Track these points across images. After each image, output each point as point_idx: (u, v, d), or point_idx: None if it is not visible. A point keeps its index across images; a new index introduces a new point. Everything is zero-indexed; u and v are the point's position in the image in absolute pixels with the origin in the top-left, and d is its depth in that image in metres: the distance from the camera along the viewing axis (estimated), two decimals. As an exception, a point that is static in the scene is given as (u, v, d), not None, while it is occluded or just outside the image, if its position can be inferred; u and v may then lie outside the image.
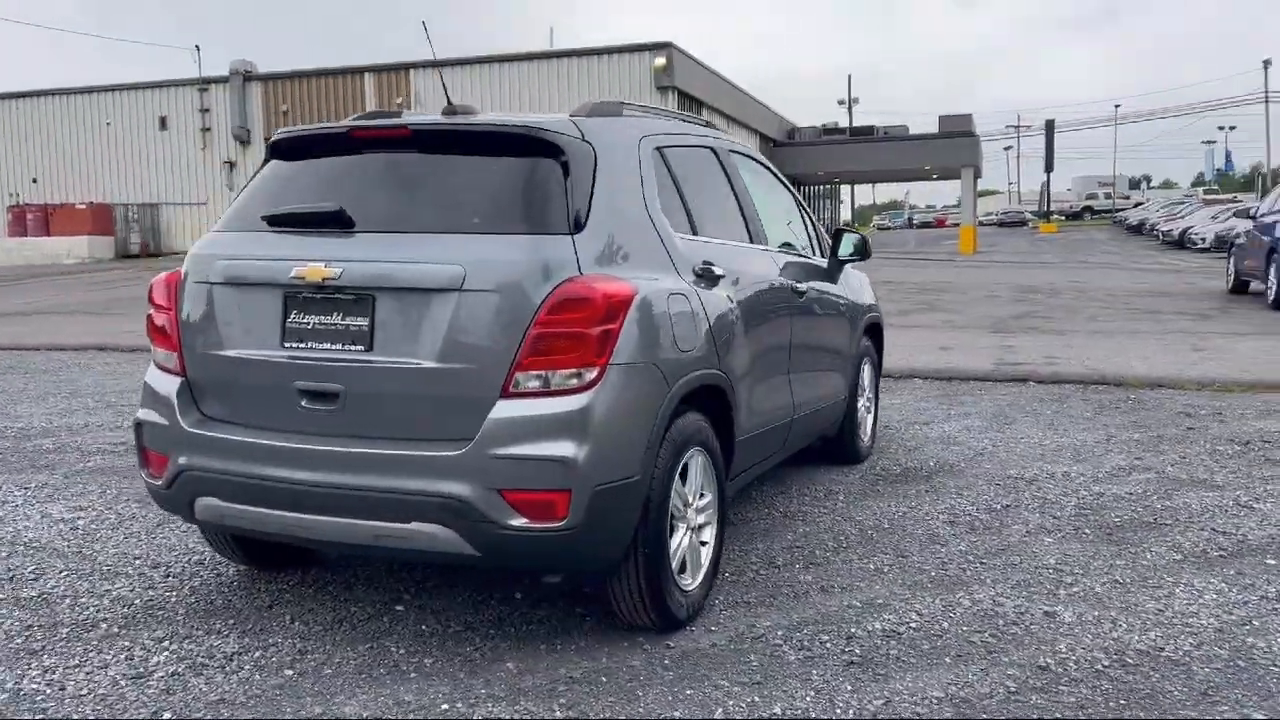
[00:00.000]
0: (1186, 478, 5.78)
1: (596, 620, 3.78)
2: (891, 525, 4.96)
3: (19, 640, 3.65)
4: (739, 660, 3.46)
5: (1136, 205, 70.59)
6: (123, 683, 3.32)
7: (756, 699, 3.18)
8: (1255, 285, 16.34)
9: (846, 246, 5.49)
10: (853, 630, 3.69)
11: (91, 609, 3.92)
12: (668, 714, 3.09)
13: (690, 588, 3.71)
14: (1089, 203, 76.68)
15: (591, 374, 3.21)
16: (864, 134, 52.15)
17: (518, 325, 3.20)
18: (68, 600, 4.01)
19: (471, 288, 3.22)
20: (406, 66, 35.46)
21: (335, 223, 3.46)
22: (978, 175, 47.90)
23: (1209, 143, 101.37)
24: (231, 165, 38.60)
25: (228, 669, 3.42)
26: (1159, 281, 20.94)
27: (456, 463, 3.18)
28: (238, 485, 3.46)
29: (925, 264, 29.65)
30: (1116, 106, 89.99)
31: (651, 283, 3.50)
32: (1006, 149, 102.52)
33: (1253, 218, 16.42)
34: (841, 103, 68.57)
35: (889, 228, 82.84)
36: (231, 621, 3.80)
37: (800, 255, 5.28)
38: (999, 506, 5.25)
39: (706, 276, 3.92)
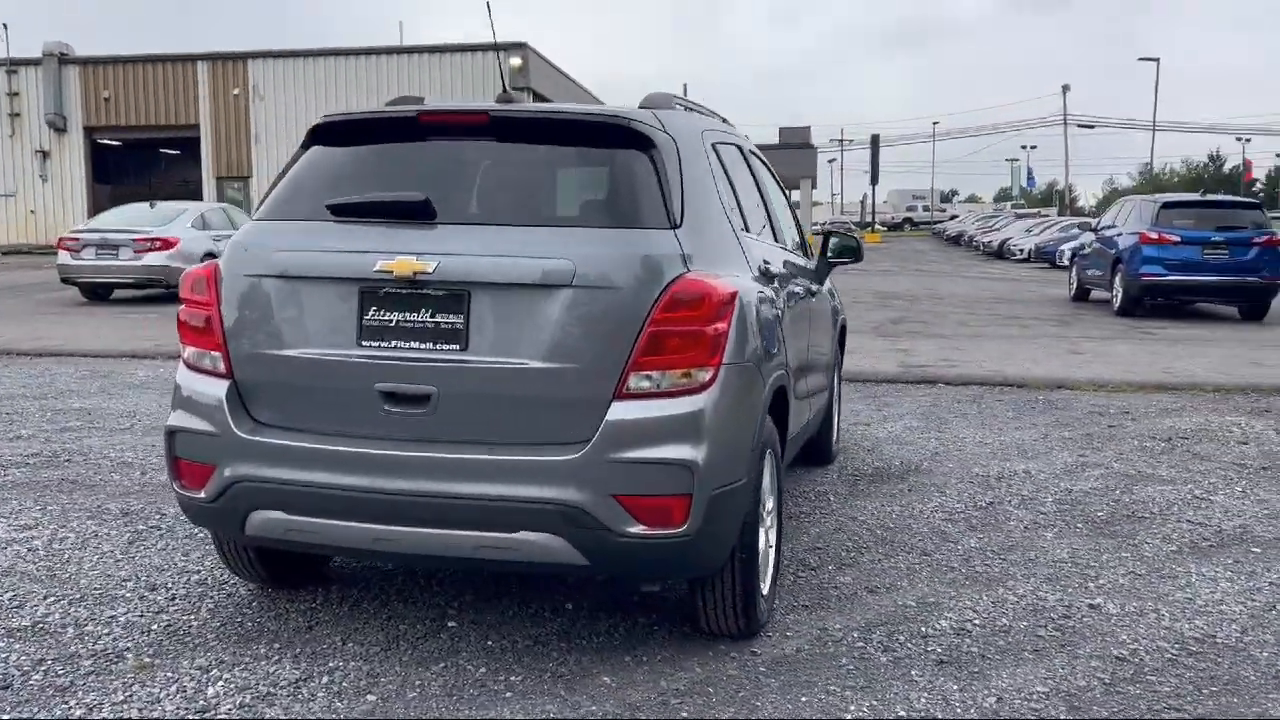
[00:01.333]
0: (1135, 473, 6.10)
1: (665, 629, 3.66)
2: (896, 524, 5.02)
3: (38, 676, 3.24)
4: (833, 664, 3.42)
5: (952, 218, 74.68)
6: (190, 718, 2.99)
7: (874, 702, 3.14)
8: (1095, 293, 17.51)
9: (836, 247, 5.55)
10: (923, 630, 3.71)
11: (105, 638, 3.53)
12: (796, 722, 3.02)
13: (765, 592, 3.65)
14: (909, 214, 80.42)
15: (706, 375, 3.10)
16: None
17: (631, 323, 3.06)
18: (70, 629, 3.60)
19: (582, 284, 3.07)
20: (244, 56, 33.87)
21: (418, 214, 3.23)
22: (814, 186, 49.54)
23: (1012, 160, 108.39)
24: (45, 155, 35.92)
25: (300, 697, 3.14)
26: (1004, 289, 22.12)
27: (572, 468, 3.01)
28: (311, 497, 3.17)
29: (776, 270, 30.32)
30: (935, 124, 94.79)
31: (741, 281, 3.42)
32: (830, 161, 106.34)
33: (1095, 230, 17.58)
34: (678, 110, 69.49)
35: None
36: (276, 646, 3.49)
37: (804, 255, 5.30)
38: (985, 504, 5.40)
39: (766, 275, 3.87)
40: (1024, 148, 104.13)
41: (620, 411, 3.04)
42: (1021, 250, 35.56)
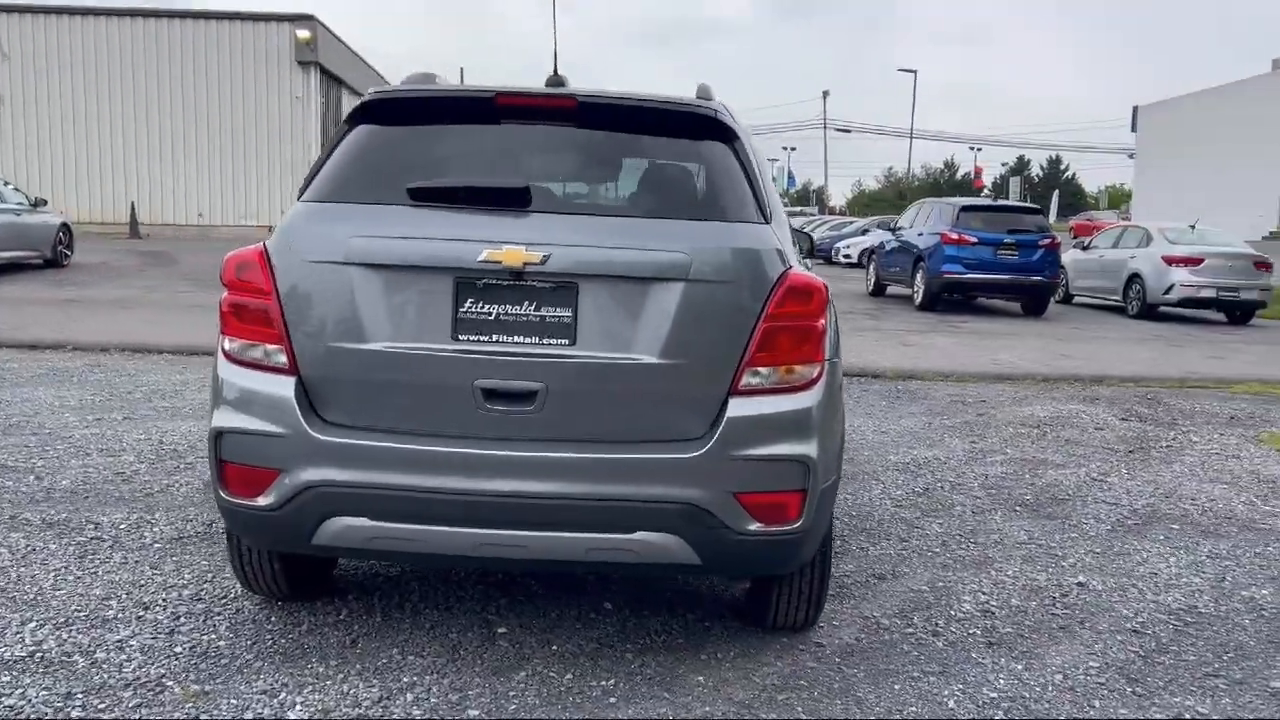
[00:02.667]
0: (1030, 458, 6.59)
1: (716, 625, 3.66)
2: (860, 513, 5.21)
3: (77, 712, 2.85)
4: (900, 652, 3.52)
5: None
6: (290, 748, 2.73)
7: (961, 686, 3.27)
8: (892, 289, 18.68)
9: (807, 248, 5.64)
10: (952, 613, 3.89)
11: (128, 666, 3.15)
12: (904, 711, 3.10)
13: None
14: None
15: (814, 371, 3.12)
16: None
17: (745, 318, 3.03)
18: (79, 658, 3.18)
19: (697, 278, 3.01)
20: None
21: (513, 202, 3.06)
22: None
23: (773, 160, 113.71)
24: None
25: (397, 715, 2.92)
26: (799, 283, 23.16)
27: (694, 466, 2.95)
28: (404, 501, 2.95)
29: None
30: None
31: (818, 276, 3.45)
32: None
33: (893, 230, 18.74)
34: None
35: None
36: (333, 663, 3.23)
37: None
38: (921, 489, 5.69)
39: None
40: (785, 149, 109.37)
41: (739, 408, 3.01)
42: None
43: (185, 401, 7.27)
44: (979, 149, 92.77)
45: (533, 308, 3.00)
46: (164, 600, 3.66)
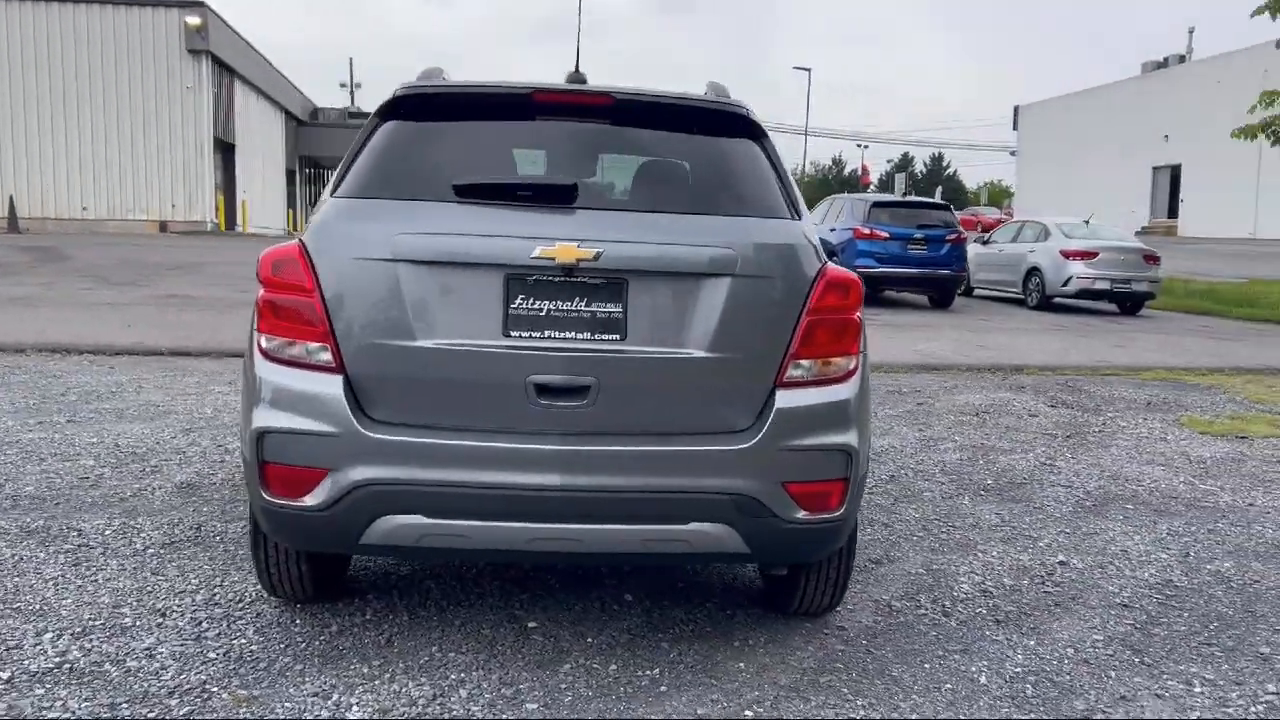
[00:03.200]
0: (979, 445, 6.85)
1: (739, 613, 3.74)
2: (837, 500, 5.35)
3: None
4: (919, 632, 3.65)
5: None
6: (361, 748, 2.71)
7: (986, 662, 3.42)
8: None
9: None
10: (954, 593, 4.05)
11: (165, 674, 3.07)
12: (940, 688, 3.22)
13: None
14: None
15: (852, 363, 3.22)
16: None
17: (789, 312, 3.12)
18: (111, 667, 3.09)
19: (743, 272, 3.08)
20: None
21: (560, 198, 3.08)
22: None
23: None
24: None
25: (456, 712, 2.92)
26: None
27: (746, 457, 3.02)
28: (459, 498, 2.94)
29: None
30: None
31: None
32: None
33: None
34: (344, 86, 66.94)
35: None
36: (377, 663, 3.20)
37: None
38: (889, 476, 5.88)
39: None
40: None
41: (785, 400, 3.09)
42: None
43: (127, 403, 7.01)
44: (866, 146, 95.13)
45: (583, 303, 3.03)
46: (179, 606, 3.56)
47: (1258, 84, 22.92)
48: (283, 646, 3.29)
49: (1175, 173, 46.04)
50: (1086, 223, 18.95)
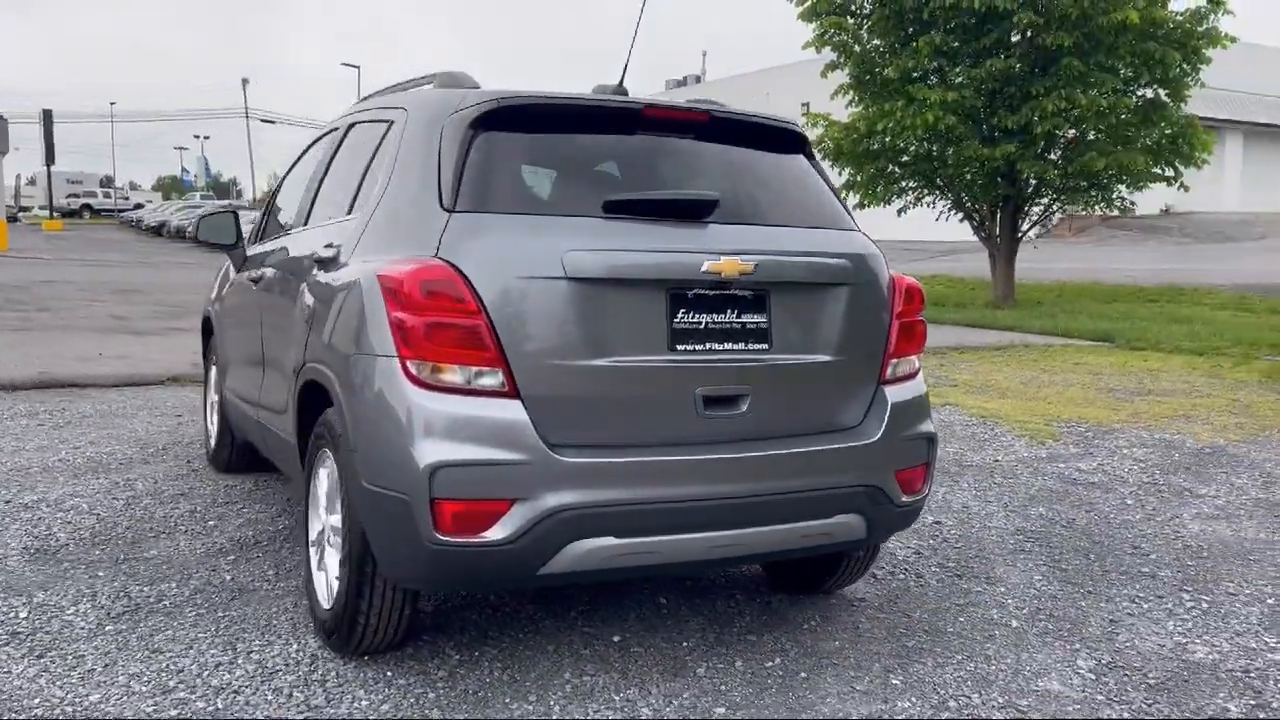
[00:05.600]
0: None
1: (771, 599, 3.98)
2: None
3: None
4: (930, 594, 4.11)
5: (138, 206, 70.83)
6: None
7: (1009, 591, 3.97)
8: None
9: None
10: (921, 547, 4.59)
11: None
12: (983, 648, 3.68)
13: None
14: (87, 200, 73.79)
15: (918, 360, 3.61)
16: None
17: (884, 316, 3.45)
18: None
19: (855, 280, 3.36)
20: None
21: (699, 213, 3.15)
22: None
23: (181, 149, 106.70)
24: None
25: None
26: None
27: (872, 450, 3.30)
28: (648, 515, 2.94)
29: None
30: (113, 104, 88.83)
31: None
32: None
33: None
34: None
35: None
36: (532, 700, 3.05)
37: None
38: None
39: None
40: (196, 137, 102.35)
41: (894, 395, 3.42)
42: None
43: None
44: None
45: (734, 315, 3.14)
46: (279, 663, 3.12)
47: (762, 102, 26.23)
48: (438, 699, 3.02)
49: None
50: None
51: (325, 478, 3.36)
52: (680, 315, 3.06)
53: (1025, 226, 17.87)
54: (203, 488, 5.28)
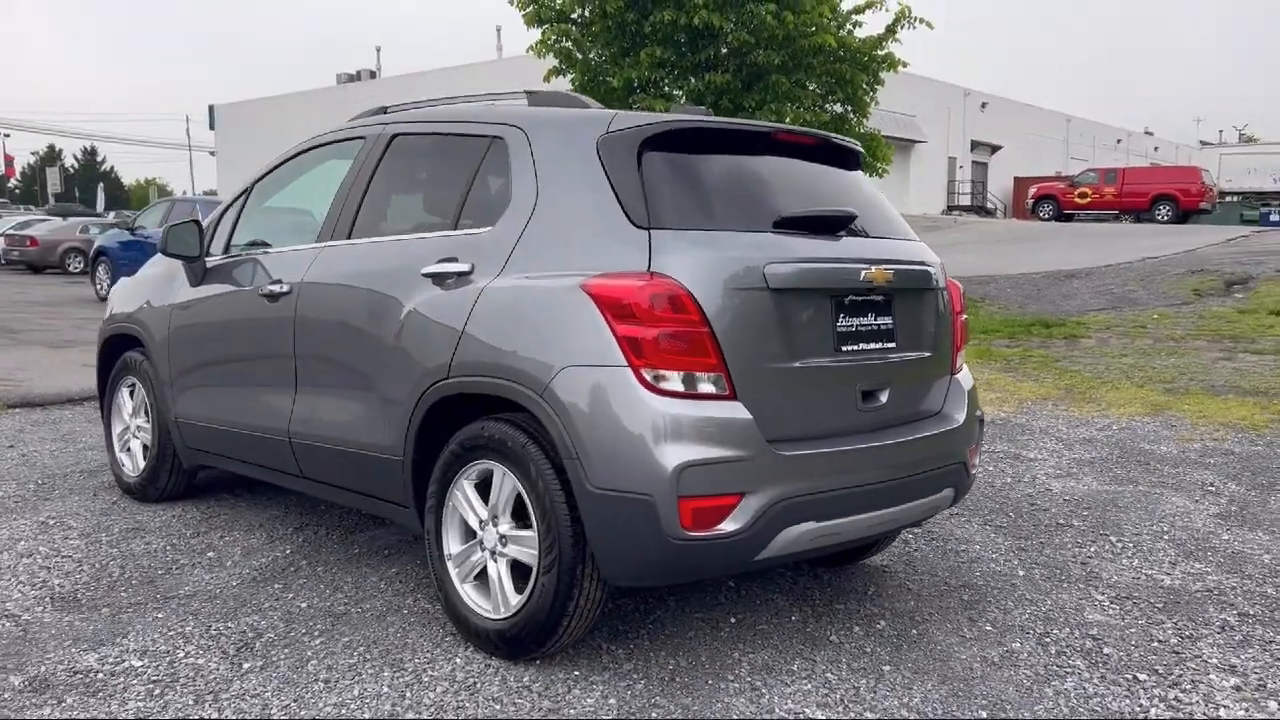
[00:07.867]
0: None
1: (799, 579, 4.41)
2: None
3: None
4: (950, 558, 4.70)
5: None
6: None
7: (1031, 548, 4.64)
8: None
9: None
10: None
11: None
12: (1012, 619, 4.36)
13: None
14: None
15: (962, 355, 4.18)
16: None
17: (950, 315, 3.98)
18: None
19: (938, 285, 3.87)
20: None
21: (842, 227, 3.52)
22: None
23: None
24: None
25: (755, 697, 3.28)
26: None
27: (963, 430, 3.83)
28: (840, 501, 3.29)
29: None
30: None
31: None
32: None
33: (132, 230, 17.46)
34: None
35: None
36: (733, 676, 3.29)
37: None
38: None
39: None
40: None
41: (965, 383, 3.97)
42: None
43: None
44: (8, 135, 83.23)
45: (872, 318, 3.55)
46: (426, 693, 3.08)
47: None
48: (628, 698, 3.16)
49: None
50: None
51: (501, 487, 3.37)
52: (841, 319, 3.43)
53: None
54: (152, 521, 4.86)
